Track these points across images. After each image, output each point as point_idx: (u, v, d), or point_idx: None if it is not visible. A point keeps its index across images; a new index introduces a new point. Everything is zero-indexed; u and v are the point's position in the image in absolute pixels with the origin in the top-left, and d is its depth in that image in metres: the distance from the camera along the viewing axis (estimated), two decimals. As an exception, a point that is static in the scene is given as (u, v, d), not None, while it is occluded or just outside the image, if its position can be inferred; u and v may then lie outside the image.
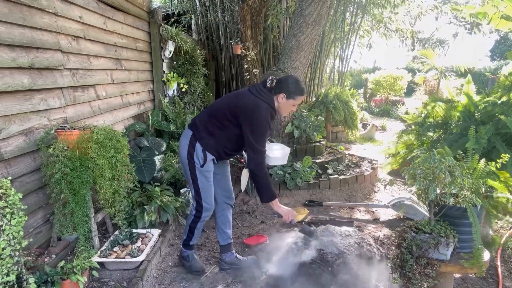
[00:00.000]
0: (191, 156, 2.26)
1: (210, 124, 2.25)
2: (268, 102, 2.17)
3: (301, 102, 2.15)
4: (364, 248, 2.43)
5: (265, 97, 2.18)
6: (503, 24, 3.72)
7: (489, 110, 3.38)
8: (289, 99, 2.18)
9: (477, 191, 1.95)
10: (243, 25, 5.33)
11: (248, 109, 2.15)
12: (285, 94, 2.16)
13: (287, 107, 2.22)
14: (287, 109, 2.26)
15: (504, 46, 19.60)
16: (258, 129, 2.15)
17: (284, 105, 2.21)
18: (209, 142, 2.24)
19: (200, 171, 2.27)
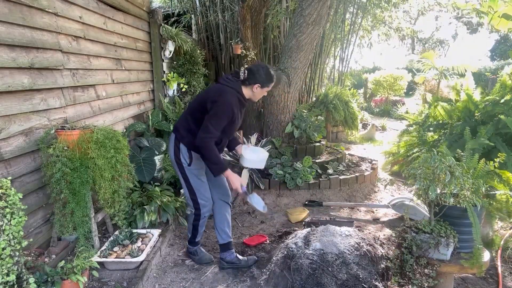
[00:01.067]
0: (177, 157, 2.38)
1: (188, 122, 2.37)
2: (235, 88, 2.29)
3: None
4: (364, 248, 2.43)
5: (231, 84, 2.31)
6: (503, 24, 3.72)
7: (489, 110, 3.38)
8: (264, 88, 2.33)
9: (477, 191, 1.95)
10: (243, 25, 5.33)
11: (214, 94, 2.28)
12: (260, 84, 2.31)
13: (260, 94, 2.37)
14: (260, 96, 2.40)
15: (504, 46, 19.59)
16: (217, 111, 2.21)
17: (258, 93, 2.36)
18: (190, 140, 2.32)
19: (189, 170, 2.39)
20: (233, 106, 2.24)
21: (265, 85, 2.31)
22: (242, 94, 2.33)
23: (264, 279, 2.38)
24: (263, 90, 2.34)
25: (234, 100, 2.26)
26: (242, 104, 2.35)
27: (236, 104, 2.28)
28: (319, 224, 2.91)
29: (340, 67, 7.94)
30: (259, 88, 2.32)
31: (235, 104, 2.26)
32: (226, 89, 2.29)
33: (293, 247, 2.48)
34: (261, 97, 2.45)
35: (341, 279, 2.20)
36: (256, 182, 4.07)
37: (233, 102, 2.25)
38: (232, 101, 2.24)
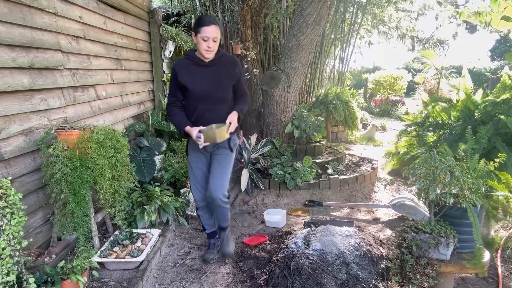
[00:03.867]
0: (187, 148, 2.57)
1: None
2: (188, 53, 2.36)
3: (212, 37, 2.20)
4: (364, 248, 2.43)
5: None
6: (503, 25, 3.72)
7: (489, 110, 3.38)
8: (197, 35, 2.21)
9: (477, 191, 1.95)
10: (243, 25, 5.33)
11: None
12: (194, 32, 2.25)
13: (199, 43, 2.22)
14: (201, 46, 2.23)
15: (504, 46, 19.59)
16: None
17: (198, 43, 2.24)
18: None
19: (188, 161, 2.52)
20: (176, 69, 2.29)
21: (196, 30, 2.20)
22: (195, 55, 2.31)
23: (264, 279, 2.38)
24: (198, 38, 2.21)
25: (179, 63, 2.32)
26: (196, 63, 2.31)
27: (182, 66, 2.31)
28: (319, 224, 2.91)
29: (340, 67, 7.93)
30: (195, 37, 2.24)
31: (180, 66, 2.30)
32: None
33: (293, 247, 2.48)
34: (207, 50, 2.25)
35: (341, 279, 2.20)
36: (256, 182, 4.07)
37: (177, 65, 2.31)
38: (175, 65, 2.32)
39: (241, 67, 2.42)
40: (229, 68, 2.35)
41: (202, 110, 2.31)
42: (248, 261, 2.65)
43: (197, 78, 2.28)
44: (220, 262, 2.67)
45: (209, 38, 2.19)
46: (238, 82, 2.41)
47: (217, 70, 2.32)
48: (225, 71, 2.34)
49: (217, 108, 2.32)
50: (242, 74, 2.44)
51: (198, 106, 2.31)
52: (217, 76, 2.32)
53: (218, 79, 2.31)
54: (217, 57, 2.31)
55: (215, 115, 2.31)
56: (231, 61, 2.38)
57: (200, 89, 2.28)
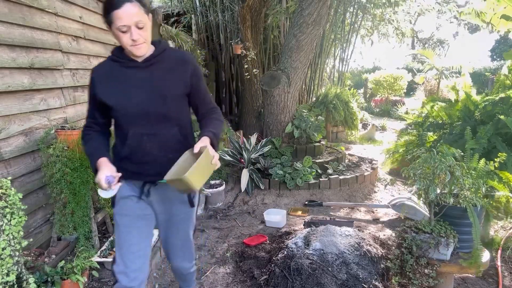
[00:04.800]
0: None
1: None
2: (111, 53, 1.52)
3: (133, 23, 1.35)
4: (364, 248, 2.43)
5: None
6: (503, 24, 3.72)
7: (489, 109, 3.38)
8: (111, 26, 1.38)
9: (477, 191, 1.95)
10: (243, 25, 5.33)
11: None
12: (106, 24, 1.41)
13: (119, 38, 1.39)
14: (122, 42, 1.39)
15: (504, 46, 19.59)
16: None
17: (118, 39, 1.40)
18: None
19: (115, 215, 1.56)
20: (93, 77, 1.48)
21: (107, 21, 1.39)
22: (123, 53, 1.47)
23: (264, 279, 2.38)
24: (113, 29, 1.38)
25: (97, 70, 1.50)
26: (123, 64, 1.46)
27: (102, 72, 1.48)
28: (319, 224, 2.91)
29: (340, 67, 7.94)
30: (110, 28, 1.41)
31: (98, 73, 1.48)
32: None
33: (293, 247, 2.48)
34: (132, 46, 1.40)
35: (341, 279, 2.20)
36: (256, 182, 4.07)
37: (95, 72, 1.49)
38: (92, 73, 1.50)
39: (197, 66, 1.55)
40: (177, 68, 1.50)
41: (138, 137, 1.45)
42: (248, 261, 2.65)
43: (125, 87, 1.45)
44: (220, 262, 2.67)
45: (128, 27, 1.35)
46: (196, 90, 1.54)
47: (157, 73, 1.47)
48: (170, 74, 1.48)
49: (162, 132, 1.47)
50: (200, 77, 1.55)
51: (130, 131, 1.45)
52: (158, 81, 1.46)
53: (158, 86, 1.46)
54: (157, 53, 1.48)
55: (160, 143, 1.47)
56: (180, 58, 1.52)
57: (130, 102, 1.43)
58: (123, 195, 1.53)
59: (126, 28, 1.34)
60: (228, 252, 2.81)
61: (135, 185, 1.55)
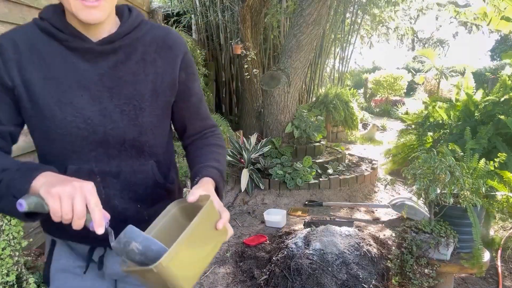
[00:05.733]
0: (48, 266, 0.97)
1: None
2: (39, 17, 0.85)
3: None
4: (364, 248, 2.43)
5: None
6: (503, 25, 3.72)
7: (489, 109, 3.38)
8: None
9: (477, 191, 1.95)
10: (243, 25, 5.33)
11: None
12: None
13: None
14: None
15: (505, 46, 19.59)
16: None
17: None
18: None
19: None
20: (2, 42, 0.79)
21: None
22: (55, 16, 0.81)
23: (264, 279, 2.38)
24: None
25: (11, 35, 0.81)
26: (61, 38, 0.79)
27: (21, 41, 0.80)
28: (319, 224, 2.91)
29: (340, 67, 7.94)
30: None
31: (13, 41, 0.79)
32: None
33: (293, 247, 2.48)
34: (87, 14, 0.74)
35: (341, 279, 2.20)
36: (256, 182, 4.07)
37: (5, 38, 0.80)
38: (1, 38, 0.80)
39: (189, 53, 0.94)
40: (159, 56, 0.88)
41: (85, 177, 0.70)
42: (248, 261, 2.65)
43: (65, 87, 0.80)
44: (220, 262, 2.67)
45: None
46: (186, 94, 0.94)
47: (124, 65, 0.84)
48: (146, 67, 0.86)
49: (128, 169, 0.86)
50: (193, 72, 0.95)
51: (71, 165, 0.84)
52: (125, 80, 0.84)
53: (126, 90, 0.84)
54: (126, 30, 0.84)
55: (123, 188, 0.87)
56: (162, 38, 0.89)
57: (75, 115, 0.80)
58: (62, 267, 0.92)
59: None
60: (228, 252, 2.81)
61: (79, 250, 0.93)
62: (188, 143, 1.01)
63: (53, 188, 0.61)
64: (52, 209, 0.61)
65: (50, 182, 0.64)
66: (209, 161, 0.90)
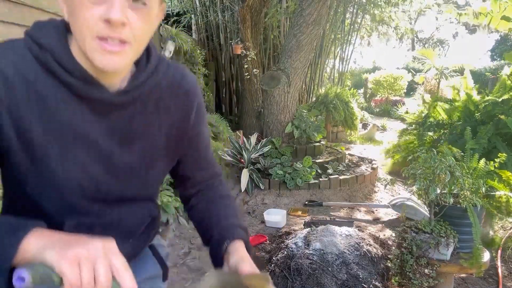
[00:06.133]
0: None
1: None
2: (37, 45, 0.64)
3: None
4: (364, 248, 2.43)
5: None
6: (503, 25, 3.72)
7: (489, 110, 3.38)
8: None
9: (477, 191, 1.95)
10: (243, 25, 5.33)
11: None
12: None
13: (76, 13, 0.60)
14: (79, 12, 0.59)
15: (505, 46, 19.59)
16: None
17: (72, 16, 0.62)
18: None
19: None
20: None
21: None
22: (61, 50, 0.63)
23: (264, 279, 2.38)
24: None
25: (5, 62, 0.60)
26: (68, 82, 0.61)
27: (17, 74, 0.60)
28: (319, 224, 2.91)
29: (340, 67, 7.95)
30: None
31: (9, 72, 0.60)
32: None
33: (293, 247, 2.48)
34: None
35: (341, 279, 2.20)
36: (256, 182, 4.07)
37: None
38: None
39: (202, 99, 0.84)
40: (171, 106, 0.76)
41: (83, 230, 0.63)
42: (248, 261, 2.65)
43: (69, 142, 0.65)
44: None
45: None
46: (195, 142, 0.84)
47: (139, 119, 0.71)
48: (159, 118, 0.75)
49: (126, 217, 0.78)
50: (204, 119, 0.85)
51: (69, 221, 0.69)
52: (140, 136, 0.73)
53: (140, 148, 0.73)
54: (145, 78, 0.70)
55: (121, 234, 0.76)
56: (177, 85, 0.77)
57: (76, 172, 0.66)
58: None
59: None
60: (228, 252, 2.81)
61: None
62: (192, 192, 0.90)
63: (70, 251, 0.47)
64: (69, 280, 0.45)
65: (59, 242, 0.50)
66: (231, 218, 0.82)
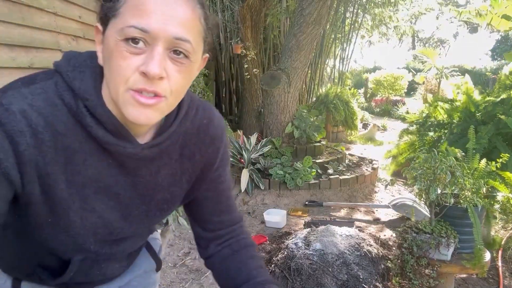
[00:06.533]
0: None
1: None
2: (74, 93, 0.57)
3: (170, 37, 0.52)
4: (365, 249, 2.42)
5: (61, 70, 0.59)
6: (503, 24, 3.71)
7: (489, 110, 3.38)
8: (108, 23, 0.55)
9: (478, 191, 1.94)
10: (243, 25, 5.32)
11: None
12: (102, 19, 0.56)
13: (110, 50, 0.53)
14: (114, 61, 0.53)
15: (505, 46, 19.58)
16: None
17: (106, 51, 0.55)
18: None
19: None
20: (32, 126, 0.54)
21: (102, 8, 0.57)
22: (96, 99, 0.57)
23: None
24: (108, 33, 0.55)
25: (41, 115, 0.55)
26: (97, 136, 0.58)
27: (50, 127, 0.56)
28: (319, 225, 2.91)
29: (340, 66, 7.94)
30: (102, 29, 0.57)
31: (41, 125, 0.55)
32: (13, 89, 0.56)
33: (293, 248, 2.47)
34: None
35: (341, 279, 2.19)
36: (256, 182, 4.07)
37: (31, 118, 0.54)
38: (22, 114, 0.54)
39: (227, 144, 0.82)
40: (196, 153, 0.73)
41: (89, 263, 0.74)
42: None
43: (90, 192, 0.63)
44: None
45: (153, 39, 0.52)
46: (218, 189, 0.81)
47: (165, 170, 0.70)
48: (183, 165, 0.72)
49: (128, 248, 0.80)
50: (227, 164, 0.82)
51: (78, 256, 0.70)
52: (163, 187, 0.71)
53: (161, 196, 0.72)
54: (176, 127, 0.67)
55: (121, 260, 0.82)
56: (204, 131, 0.73)
57: (92, 220, 0.65)
58: None
59: (145, 38, 0.52)
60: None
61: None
62: (210, 237, 0.82)
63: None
64: None
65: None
66: (260, 276, 0.77)
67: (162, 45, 0.52)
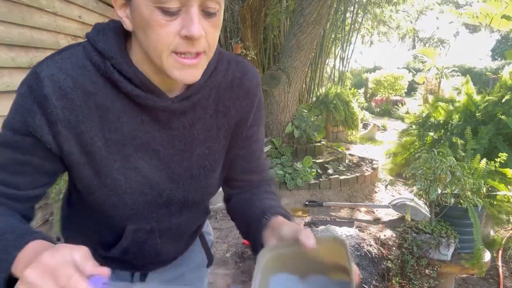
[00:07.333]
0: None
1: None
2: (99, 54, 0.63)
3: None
4: (365, 249, 2.42)
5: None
6: (504, 24, 3.71)
7: (490, 110, 3.37)
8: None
9: (478, 191, 1.94)
10: (243, 25, 5.32)
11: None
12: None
13: (145, 21, 0.54)
14: (152, 30, 0.54)
15: (505, 46, 19.58)
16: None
17: (140, 22, 0.56)
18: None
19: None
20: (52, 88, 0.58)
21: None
22: (124, 60, 0.61)
23: (264, 279, 2.37)
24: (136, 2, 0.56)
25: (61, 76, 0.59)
26: (130, 92, 0.61)
27: (77, 88, 0.60)
28: (320, 225, 2.91)
29: (340, 66, 7.93)
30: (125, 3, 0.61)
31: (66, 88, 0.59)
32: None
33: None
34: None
35: (341, 279, 2.19)
36: (256, 182, 4.07)
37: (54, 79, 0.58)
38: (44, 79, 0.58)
39: (262, 97, 0.77)
40: (233, 105, 0.71)
41: (143, 234, 0.75)
42: (248, 261, 2.65)
43: (131, 150, 0.65)
44: (220, 262, 2.66)
45: (184, 2, 0.52)
46: (251, 143, 0.77)
47: (201, 122, 0.69)
48: (219, 118, 0.71)
49: (185, 221, 0.80)
50: (262, 118, 0.79)
51: (130, 226, 0.73)
52: (200, 140, 0.70)
53: (200, 151, 0.71)
54: (205, 78, 0.65)
55: (178, 236, 0.82)
56: (238, 81, 0.71)
57: (140, 183, 0.68)
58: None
59: (178, 4, 0.52)
60: (228, 252, 2.80)
61: (120, 274, 0.86)
62: (235, 193, 0.82)
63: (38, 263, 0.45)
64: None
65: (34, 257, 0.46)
66: (274, 202, 0.75)
67: (196, 5, 0.54)
